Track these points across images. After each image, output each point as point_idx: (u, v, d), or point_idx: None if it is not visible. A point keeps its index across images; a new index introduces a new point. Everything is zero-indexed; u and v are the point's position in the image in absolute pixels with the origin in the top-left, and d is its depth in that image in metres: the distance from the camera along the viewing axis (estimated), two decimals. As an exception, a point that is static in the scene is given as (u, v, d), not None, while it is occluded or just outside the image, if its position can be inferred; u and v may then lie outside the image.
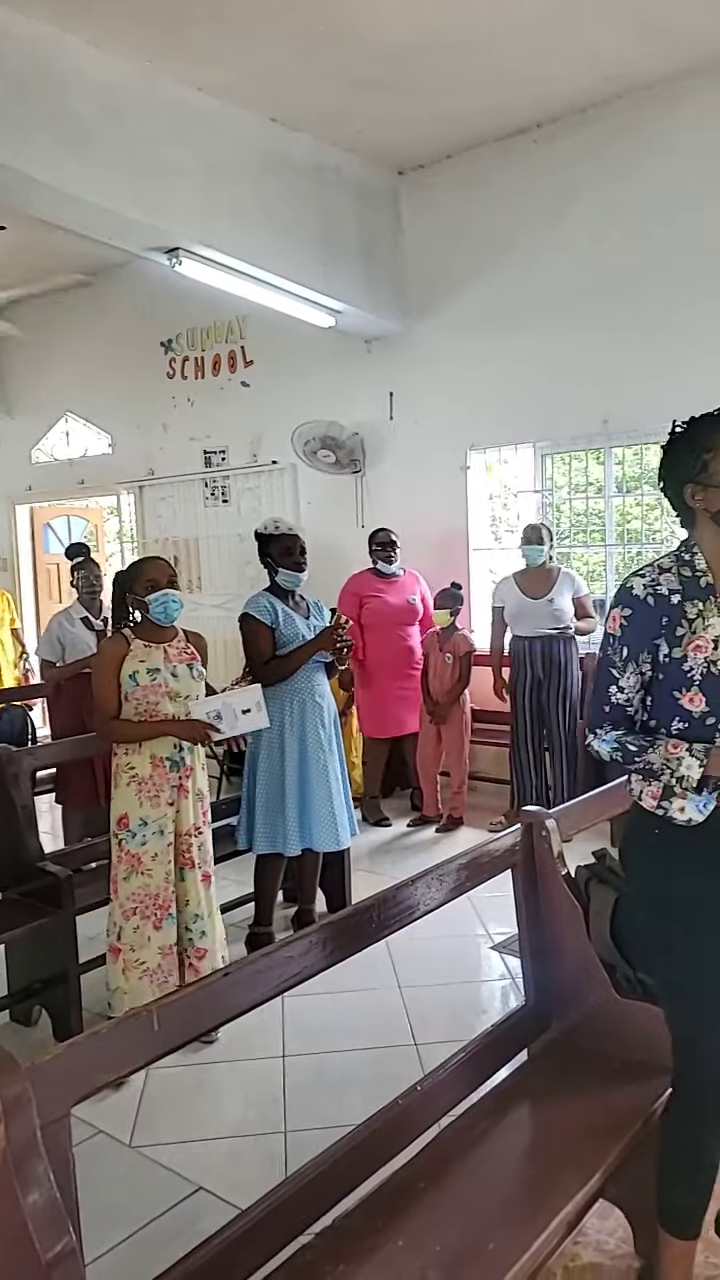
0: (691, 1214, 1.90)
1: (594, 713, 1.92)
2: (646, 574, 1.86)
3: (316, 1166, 1.82)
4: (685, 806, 1.81)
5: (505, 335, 5.90)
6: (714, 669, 1.80)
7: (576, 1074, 2.18)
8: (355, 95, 5.22)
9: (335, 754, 3.92)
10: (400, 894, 2.08)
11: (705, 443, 1.86)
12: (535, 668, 5.16)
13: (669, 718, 1.84)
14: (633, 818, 1.94)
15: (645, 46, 4.83)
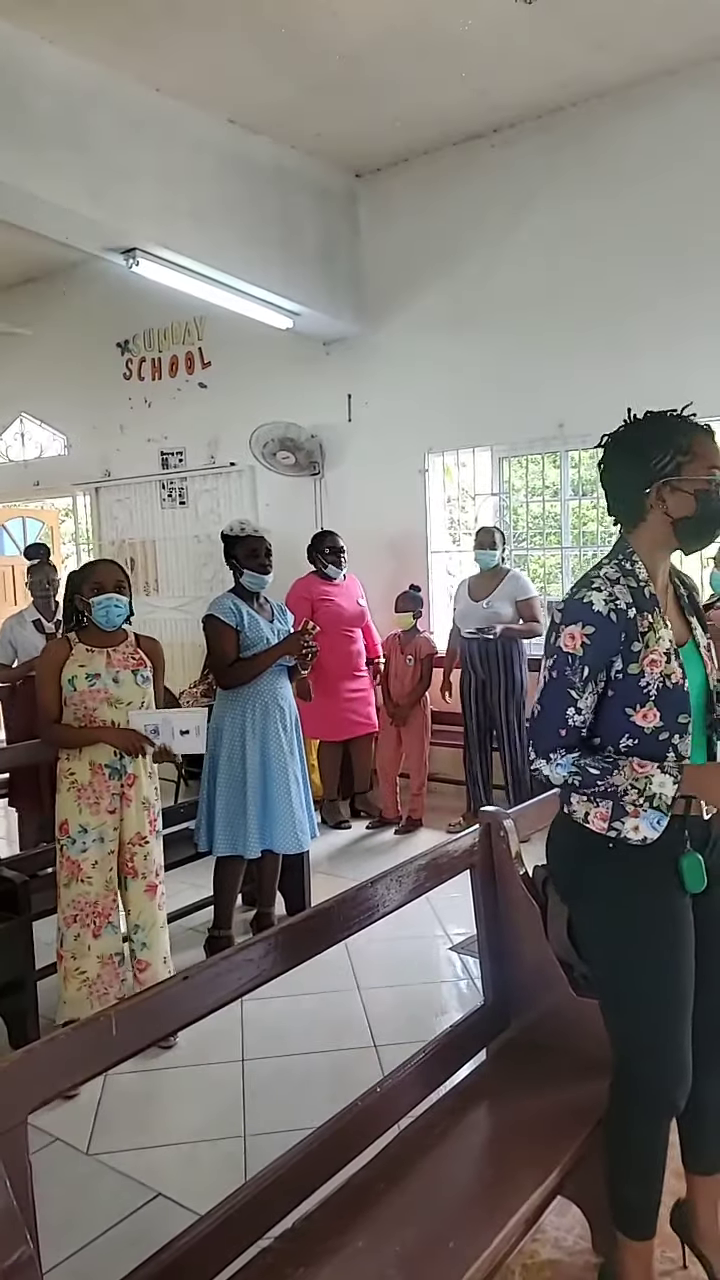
0: (645, 1214, 1.91)
1: (546, 737, 1.79)
2: (602, 586, 1.77)
3: (276, 1170, 1.82)
4: (639, 825, 1.77)
5: (463, 338, 5.94)
6: (668, 683, 1.77)
7: (535, 1072, 2.20)
8: (314, 98, 5.23)
9: (296, 757, 3.91)
10: (360, 895, 2.09)
11: (681, 444, 1.79)
12: (478, 668, 5.24)
13: (617, 735, 1.79)
14: (576, 839, 1.86)
15: (599, 55, 4.89)
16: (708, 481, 1.78)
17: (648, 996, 1.83)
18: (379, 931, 2.25)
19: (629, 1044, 1.87)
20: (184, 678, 6.91)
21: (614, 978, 1.88)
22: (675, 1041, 1.84)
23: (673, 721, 1.79)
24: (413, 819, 5.52)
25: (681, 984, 1.84)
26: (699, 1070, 1.88)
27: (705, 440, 1.81)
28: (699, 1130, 2.04)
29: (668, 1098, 1.84)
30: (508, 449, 6.04)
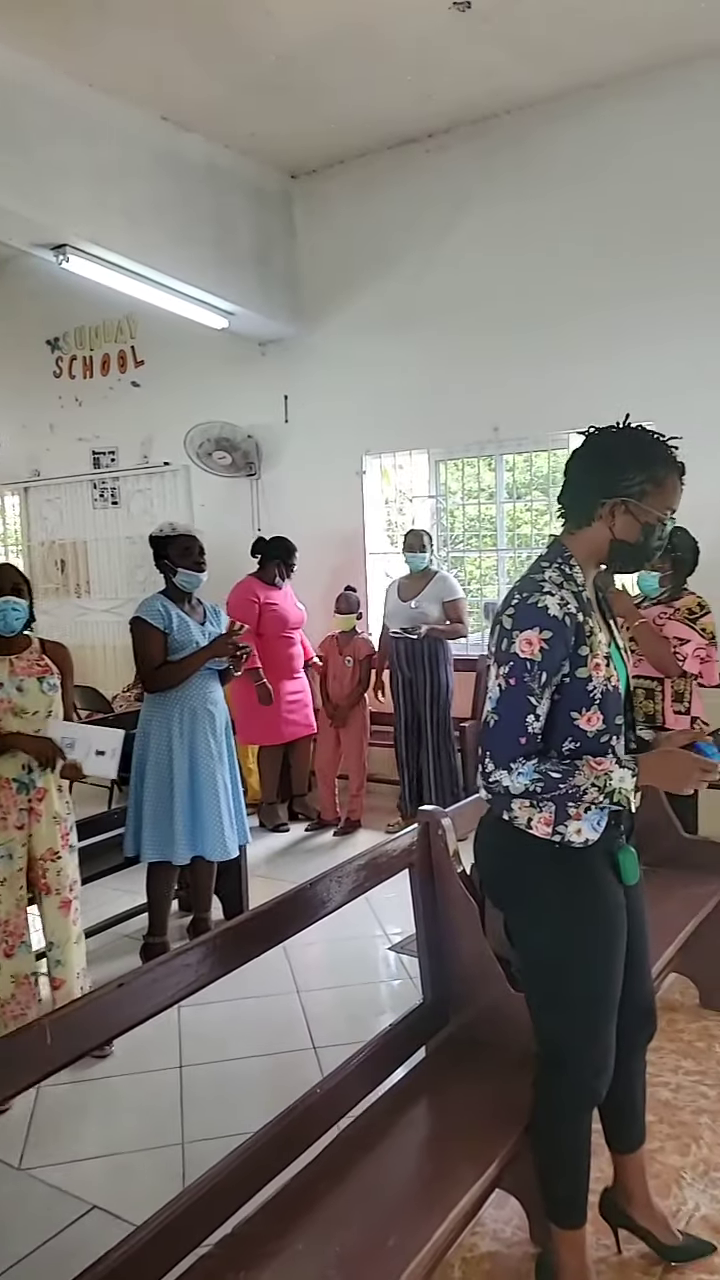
0: (576, 1203, 1.96)
1: (504, 747, 1.75)
2: (553, 590, 1.76)
3: (215, 1175, 1.80)
4: (582, 828, 1.80)
5: (399, 341, 5.96)
6: (609, 686, 1.80)
7: (473, 1068, 2.21)
8: (248, 97, 5.21)
9: (226, 763, 3.86)
10: (299, 897, 2.08)
11: (656, 474, 1.79)
12: (404, 668, 5.28)
13: (560, 739, 1.80)
14: (513, 841, 1.86)
15: (531, 64, 4.96)
16: (659, 519, 1.80)
17: (584, 994, 1.87)
18: (318, 933, 2.25)
19: (560, 1039, 1.91)
20: (117, 681, 6.83)
21: (551, 976, 1.91)
22: (605, 1034, 1.90)
23: (612, 723, 1.83)
24: (351, 820, 5.52)
25: (615, 979, 1.90)
26: (622, 1053, 1.96)
27: (676, 481, 1.82)
28: (622, 1112, 2.11)
29: (593, 1088, 1.91)
30: (444, 452, 6.09)
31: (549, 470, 5.91)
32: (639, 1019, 2.04)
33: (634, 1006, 2.00)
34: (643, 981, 2.05)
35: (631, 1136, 2.14)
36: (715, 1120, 2.65)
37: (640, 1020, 2.05)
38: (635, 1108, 2.13)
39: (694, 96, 4.93)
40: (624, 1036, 1.96)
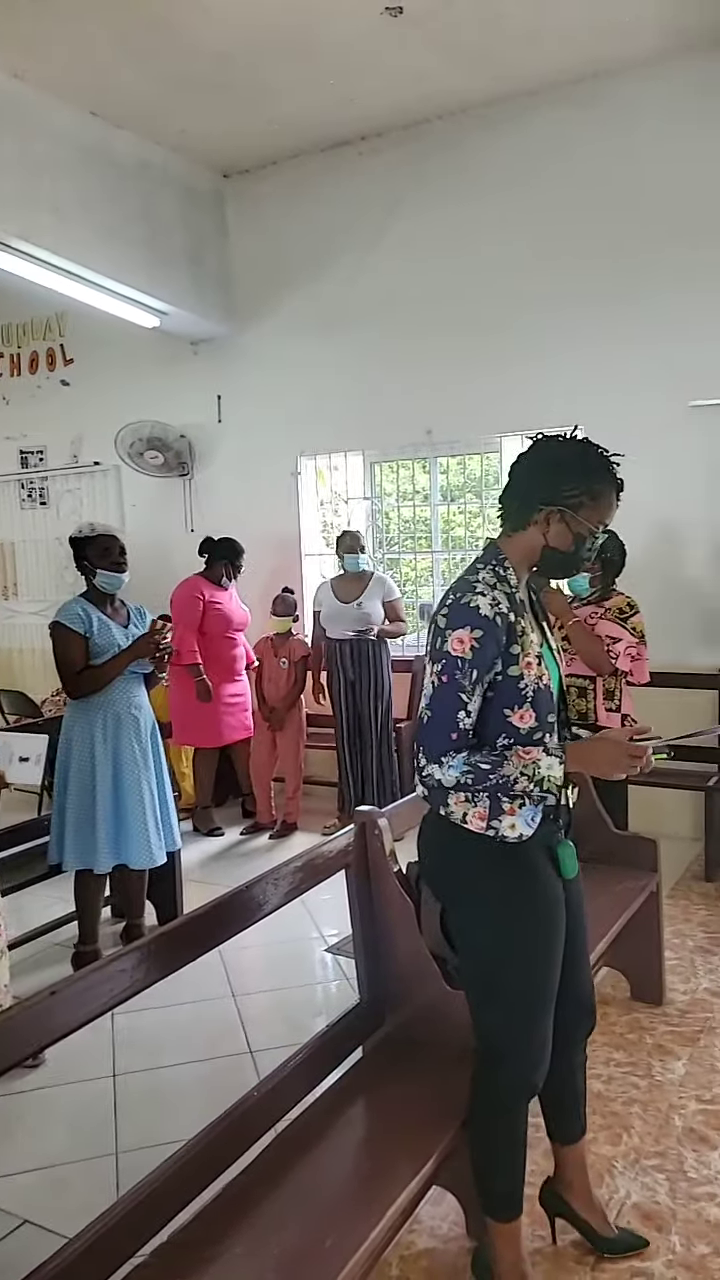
0: (512, 1196, 1.98)
1: (436, 741, 1.80)
2: (485, 591, 1.80)
3: (150, 1184, 1.78)
4: (515, 823, 1.83)
5: (333, 342, 5.97)
6: (541, 684, 1.84)
7: (410, 1066, 2.22)
8: (179, 94, 5.17)
9: (152, 768, 3.80)
10: (235, 900, 2.07)
11: (595, 487, 1.83)
12: (347, 669, 5.27)
13: (494, 735, 1.83)
14: (452, 837, 1.89)
15: (464, 71, 5.02)
16: (592, 531, 1.85)
17: (522, 988, 1.90)
18: (254, 937, 2.24)
19: (498, 1032, 1.93)
20: (46, 685, 6.71)
21: (490, 971, 1.93)
22: (543, 1028, 1.93)
23: (544, 721, 1.86)
24: (288, 823, 5.50)
25: (553, 974, 1.93)
26: (562, 1046, 1.99)
27: (612, 497, 1.87)
28: (563, 1104, 2.15)
29: (530, 1081, 1.94)
30: (379, 454, 6.12)
31: (482, 473, 5.98)
32: (579, 1013, 2.08)
33: (574, 1001, 2.04)
34: (582, 976, 2.08)
35: (572, 1128, 2.17)
36: (646, 1110, 2.70)
37: (580, 1015, 2.08)
38: (576, 1100, 2.17)
39: (624, 106, 5.04)
40: (564, 1031, 2.00)
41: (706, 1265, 2.12)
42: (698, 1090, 2.80)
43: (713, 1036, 3.09)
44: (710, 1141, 2.56)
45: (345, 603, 5.29)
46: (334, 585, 5.39)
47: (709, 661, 4.93)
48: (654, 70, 4.95)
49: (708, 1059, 2.96)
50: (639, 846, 3.33)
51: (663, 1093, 2.79)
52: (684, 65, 4.88)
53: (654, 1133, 2.60)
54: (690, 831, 4.92)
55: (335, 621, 5.30)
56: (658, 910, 3.30)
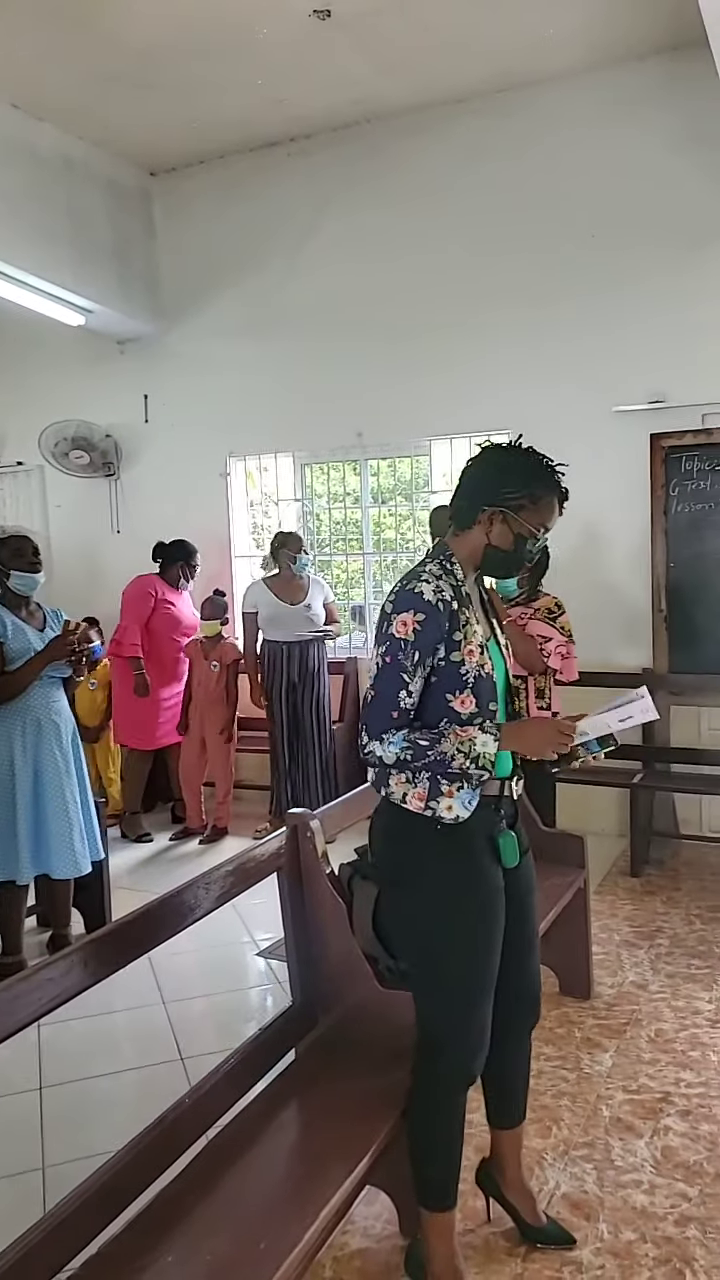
0: (447, 1185, 2.01)
1: (377, 719, 1.88)
2: (429, 579, 1.90)
3: (78, 1196, 1.75)
4: (453, 805, 1.89)
5: (262, 343, 5.96)
6: (482, 672, 1.91)
7: (343, 1067, 2.22)
8: (104, 90, 5.10)
9: (74, 775, 3.73)
10: (165, 905, 2.04)
11: (535, 492, 1.92)
12: (291, 672, 5.24)
13: (436, 719, 1.91)
14: (399, 823, 1.95)
15: (391, 77, 5.06)
16: (532, 532, 1.94)
17: (459, 976, 1.94)
18: (184, 943, 2.22)
19: (437, 1019, 1.97)
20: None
21: (429, 959, 1.97)
22: (481, 1016, 1.97)
23: (485, 708, 1.93)
24: (218, 827, 5.46)
25: (492, 962, 1.97)
26: (503, 1033, 2.04)
27: (553, 504, 1.96)
28: (503, 1089, 2.20)
29: (469, 1069, 1.98)
30: (309, 455, 6.12)
31: (412, 476, 6.03)
32: (522, 1004, 2.12)
33: (518, 991, 2.08)
34: (528, 965, 2.12)
35: (513, 1114, 2.23)
36: (575, 1102, 2.75)
37: (525, 1004, 2.13)
38: (518, 1087, 2.22)
39: (547, 116, 5.15)
40: (508, 1020, 2.04)
41: (633, 1251, 2.17)
42: (624, 1081, 2.86)
43: (638, 1028, 3.17)
44: (636, 1130, 2.62)
45: (291, 605, 5.26)
46: (272, 587, 5.32)
47: (630, 661, 5.04)
48: (575, 82, 5.06)
49: (633, 1050, 3.03)
50: (567, 843, 3.39)
51: (591, 1085, 2.85)
52: (604, 78, 5.00)
53: (582, 1124, 2.65)
54: (616, 828, 5.02)
55: (280, 624, 5.23)
56: (585, 906, 3.37)
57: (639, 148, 4.96)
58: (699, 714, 5.01)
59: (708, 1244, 2.18)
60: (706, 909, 4.15)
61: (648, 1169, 2.46)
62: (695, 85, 4.62)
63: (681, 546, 4.75)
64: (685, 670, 4.77)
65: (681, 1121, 2.65)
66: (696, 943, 3.81)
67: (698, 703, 4.93)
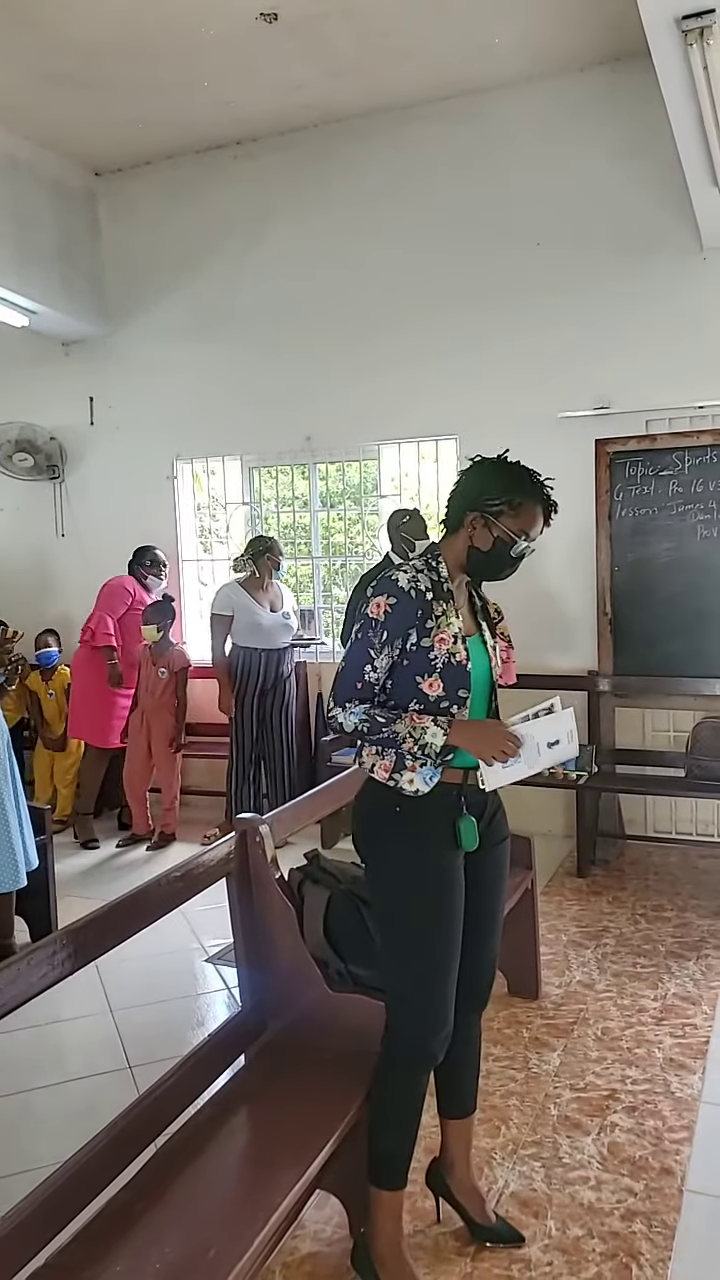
0: (400, 1161, 2.05)
1: (342, 688, 2.02)
2: (408, 571, 2.03)
3: (25, 1209, 1.72)
4: (414, 779, 1.98)
5: (210, 346, 5.93)
6: (453, 660, 2.00)
7: (293, 1072, 2.22)
8: (48, 89, 5.04)
9: (10, 781, 3.65)
10: (112, 912, 2.02)
11: (518, 498, 2.03)
12: (265, 679, 5.21)
13: (407, 699, 2.01)
14: (369, 795, 2.07)
15: (338, 82, 5.08)
16: (513, 537, 2.04)
17: (417, 954, 1.99)
18: (132, 950, 2.19)
19: (398, 996, 2.02)
20: None
21: (389, 936, 2.03)
22: (441, 997, 2.01)
23: (453, 694, 2.01)
24: (165, 834, 5.41)
25: (448, 943, 2.01)
26: (459, 1018, 2.07)
27: (534, 512, 2.07)
28: (456, 1076, 2.23)
29: (429, 1050, 2.02)
30: (257, 459, 6.10)
31: (361, 480, 6.04)
32: (474, 988, 2.16)
33: (472, 975, 2.12)
34: (484, 949, 2.16)
35: (463, 1102, 2.25)
36: (523, 1101, 2.78)
37: (473, 986, 2.15)
38: (466, 1073, 2.25)
39: (494, 123, 5.21)
40: (460, 1003, 2.07)
41: (580, 1247, 2.19)
42: (571, 1079, 2.90)
43: (585, 1027, 3.21)
44: (583, 1128, 2.65)
45: (272, 612, 5.22)
46: (250, 591, 5.22)
47: (575, 664, 5.11)
48: (520, 91, 5.13)
49: (580, 1049, 3.07)
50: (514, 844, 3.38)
51: (539, 1084, 2.88)
52: (548, 87, 5.08)
53: (531, 1122, 2.68)
54: (563, 829, 5.09)
55: (261, 631, 5.16)
56: (533, 907, 3.40)
57: (582, 157, 5.04)
58: (643, 715, 5.10)
59: (653, 1238, 2.22)
60: (651, 908, 4.23)
61: (595, 1165, 2.49)
62: (636, 96, 4.72)
63: (625, 551, 4.83)
64: (629, 672, 4.85)
65: (627, 1118, 2.70)
66: (641, 941, 3.88)
67: (641, 704, 5.02)
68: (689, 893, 4.39)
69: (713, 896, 4.34)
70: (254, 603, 5.20)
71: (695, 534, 4.68)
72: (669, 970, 3.60)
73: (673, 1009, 3.31)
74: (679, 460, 4.70)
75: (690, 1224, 2.27)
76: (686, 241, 4.84)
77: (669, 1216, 2.29)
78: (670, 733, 5.03)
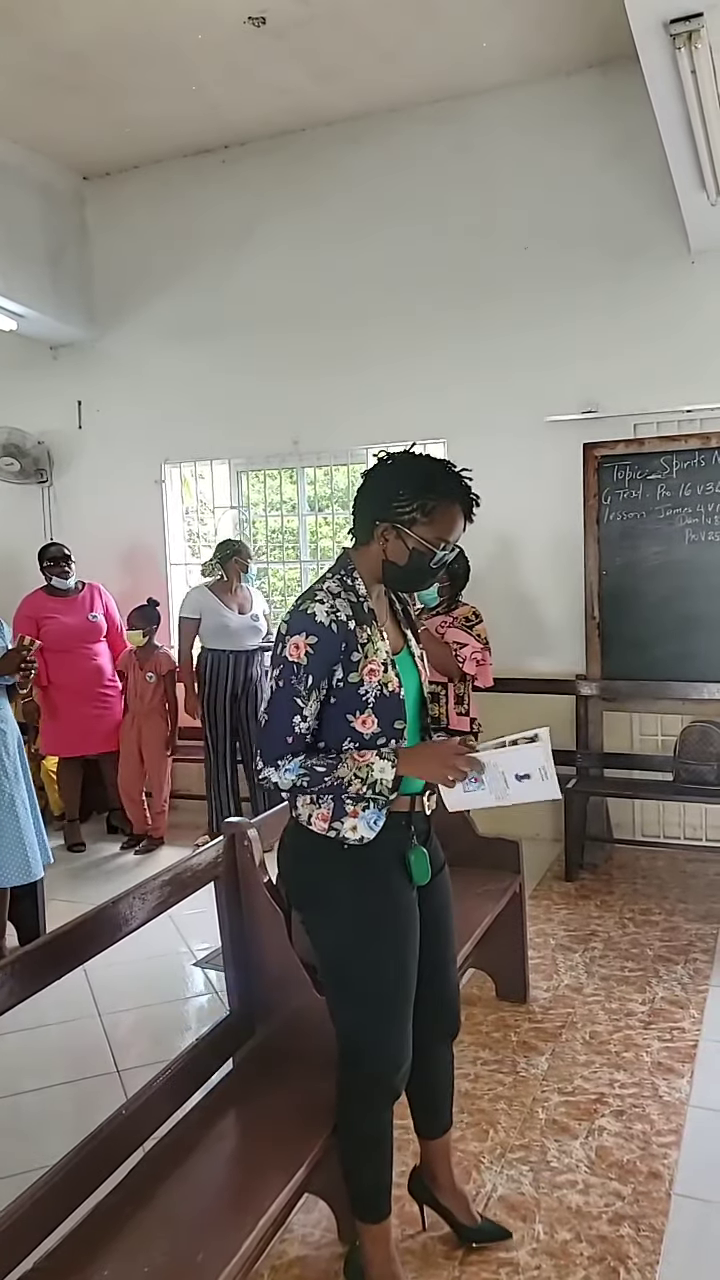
0: (381, 1195, 2.01)
1: (271, 746, 1.83)
2: (324, 599, 1.83)
3: (12, 1213, 1.71)
4: (357, 825, 1.85)
5: (198, 350, 5.93)
6: (385, 691, 1.86)
7: (280, 1076, 2.22)
8: (36, 93, 5.04)
9: (22, 781, 3.69)
10: (100, 916, 2.02)
11: (427, 504, 1.83)
12: (235, 681, 5.21)
13: (339, 738, 1.86)
14: (307, 843, 1.92)
15: (326, 86, 5.09)
16: (429, 547, 1.85)
17: (373, 993, 1.92)
18: (120, 954, 2.19)
19: (353, 1038, 1.95)
20: None
21: (342, 975, 1.95)
22: (398, 1032, 1.95)
23: (389, 727, 1.88)
24: (154, 837, 5.40)
25: (405, 978, 1.95)
26: (426, 1046, 2.03)
27: (452, 514, 1.86)
28: (427, 1101, 2.20)
29: (389, 1085, 1.96)
30: (245, 463, 6.10)
31: (348, 484, 6.05)
32: (442, 1019, 2.12)
33: (437, 1007, 2.08)
34: (444, 981, 2.11)
35: (437, 1125, 2.22)
36: (511, 1105, 2.78)
37: (443, 1018, 2.12)
38: (440, 1098, 2.21)
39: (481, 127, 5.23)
40: (427, 1034, 2.03)
41: (568, 1251, 2.20)
42: (559, 1083, 2.90)
43: (573, 1031, 3.21)
44: (571, 1131, 2.66)
45: (240, 615, 5.22)
46: (219, 596, 5.24)
47: (564, 668, 5.12)
48: (508, 95, 5.15)
49: (569, 1053, 3.07)
50: (502, 849, 3.42)
51: (527, 1088, 2.88)
52: (536, 91, 5.10)
53: (519, 1126, 2.68)
54: (551, 833, 5.09)
55: (229, 634, 5.17)
56: (521, 911, 3.40)
57: (570, 161, 5.06)
58: (630, 719, 5.11)
59: (641, 1242, 2.22)
60: (639, 912, 4.24)
61: (583, 1169, 2.49)
62: (624, 100, 4.74)
63: (614, 554, 4.84)
64: (617, 676, 4.86)
65: (615, 1122, 2.70)
66: (629, 945, 3.89)
67: (629, 709, 5.04)
68: (677, 896, 4.41)
69: (700, 900, 4.35)
70: (222, 605, 5.21)
71: (683, 538, 4.70)
72: (657, 974, 3.61)
73: (661, 1013, 3.32)
74: (667, 464, 4.72)
75: (678, 1228, 2.27)
76: (674, 245, 4.86)
77: (657, 1220, 2.29)
78: (658, 737, 5.05)
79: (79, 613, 5.46)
